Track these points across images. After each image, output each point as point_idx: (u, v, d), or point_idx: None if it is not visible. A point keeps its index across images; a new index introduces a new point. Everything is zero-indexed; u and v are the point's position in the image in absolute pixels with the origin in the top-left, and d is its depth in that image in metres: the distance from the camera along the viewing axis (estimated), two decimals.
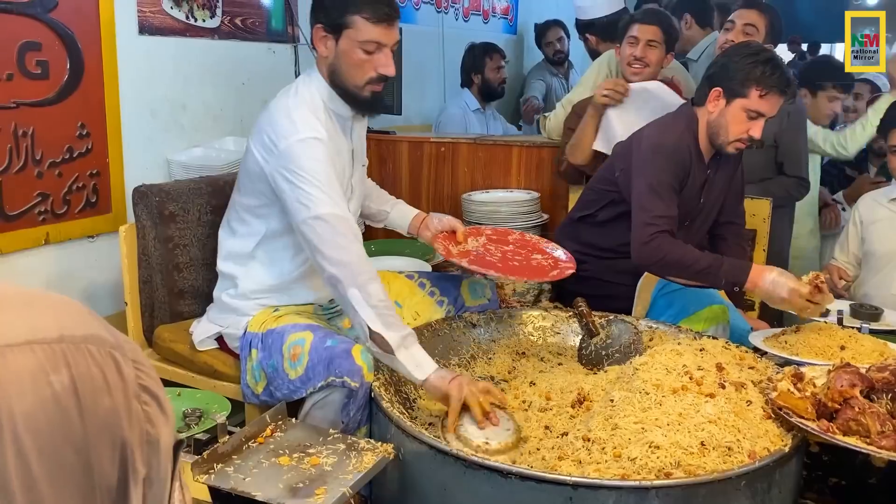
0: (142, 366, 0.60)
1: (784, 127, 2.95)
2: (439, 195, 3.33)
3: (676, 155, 2.24)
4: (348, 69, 1.91)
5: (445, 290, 2.19)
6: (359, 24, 1.86)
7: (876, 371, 1.56)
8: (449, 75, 4.60)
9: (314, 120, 1.90)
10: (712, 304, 2.17)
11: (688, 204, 2.30)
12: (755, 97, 2.16)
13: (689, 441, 1.39)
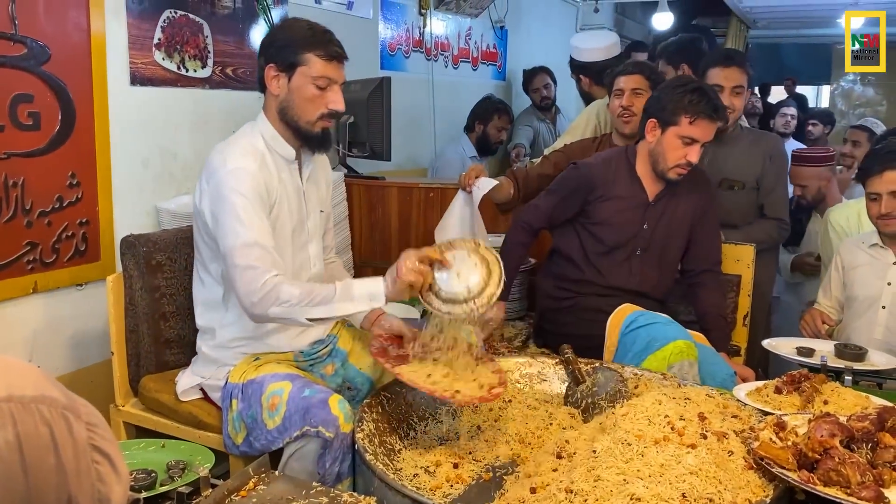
0: (96, 427, 0.63)
1: (766, 170, 3.01)
2: (429, 240, 3.32)
3: (579, 170, 2.56)
4: (301, 104, 1.99)
5: None
6: (312, 61, 1.96)
7: (856, 420, 1.57)
8: (440, 122, 4.68)
9: (244, 154, 1.96)
10: (677, 339, 2.19)
11: (625, 226, 2.50)
12: (685, 124, 2.36)
13: (670, 493, 1.39)
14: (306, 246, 2.08)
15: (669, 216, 2.52)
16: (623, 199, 2.50)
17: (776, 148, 3.09)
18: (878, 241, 2.67)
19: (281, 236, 2.02)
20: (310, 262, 2.11)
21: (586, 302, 2.51)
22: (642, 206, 2.51)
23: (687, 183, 2.52)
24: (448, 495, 1.66)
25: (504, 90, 5.59)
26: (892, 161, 2.53)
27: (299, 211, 2.07)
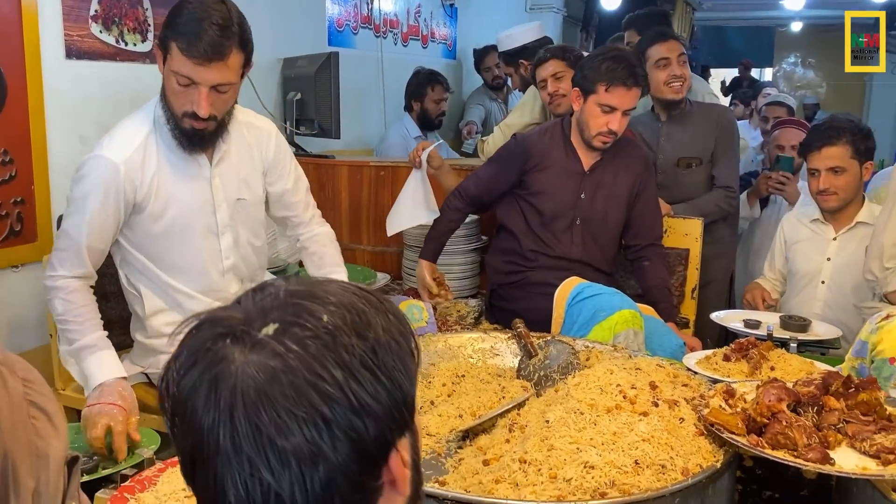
0: (32, 383, 0.61)
1: (716, 140, 3.06)
2: (380, 219, 3.31)
3: (515, 144, 2.61)
4: (169, 94, 1.83)
5: None
6: (174, 53, 1.77)
7: (802, 385, 1.60)
8: (389, 100, 4.62)
9: (121, 142, 1.86)
10: (623, 308, 2.22)
11: (562, 196, 2.53)
12: (602, 91, 2.40)
13: (623, 460, 1.39)
14: (217, 238, 1.98)
15: (608, 186, 2.56)
16: (559, 169, 2.55)
17: (725, 117, 3.14)
18: (820, 217, 2.73)
19: (172, 231, 1.94)
20: (220, 255, 2.02)
21: (534, 276, 2.53)
22: (578, 176, 2.55)
23: (624, 156, 2.58)
24: None
25: (455, 69, 5.55)
26: (831, 138, 2.58)
27: (201, 202, 1.95)
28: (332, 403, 0.65)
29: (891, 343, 1.78)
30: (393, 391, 0.69)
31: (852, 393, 1.56)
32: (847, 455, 1.45)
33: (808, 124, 3.78)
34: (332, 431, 0.65)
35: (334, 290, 0.72)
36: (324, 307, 0.69)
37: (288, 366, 0.65)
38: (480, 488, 1.48)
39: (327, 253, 2.23)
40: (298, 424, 0.64)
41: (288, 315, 0.68)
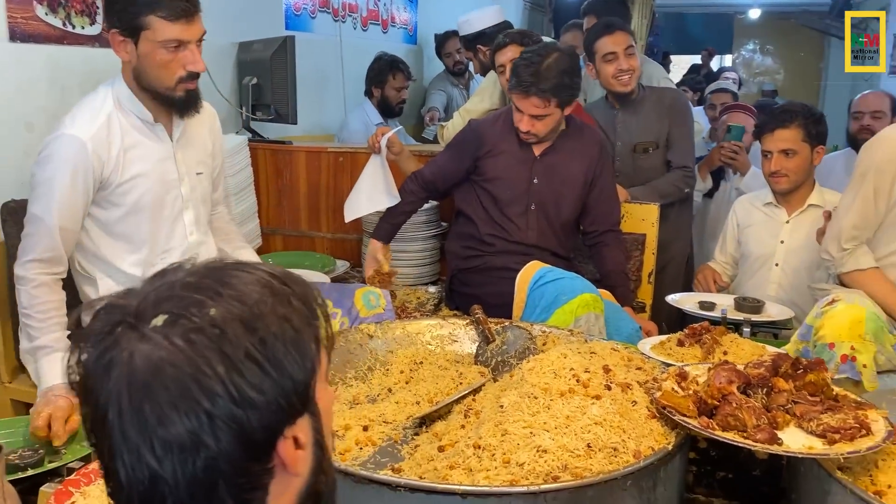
0: None
1: (670, 123, 3.08)
2: (339, 206, 3.26)
3: (468, 131, 2.64)
4: (155, 71, 1.86)
5: (338, 302, 2.16)
6: (156, 25, 1.81)
7: (752, 367, 1.62)
8: (349, 85, 4.57)
9: (84, 120, 1.86)
10: (584, 292, 2.23)
11: (515, 181, 2.55)
12: (511, 94, 2.45)
13: (575, 444, 1.40)
14: (181, 214, 1.98)
15: (560, 171, 2.57)
16: (510, 155, 2.56)
17: (678, 101, 3.17)
18: (773, 200, 2.77)
19: (139, 207, 1.94)
20: (185, 231, 2.01)
21: (494, 261, 2.53)
22: (529, 161, 2.56)
23: (578, 141, 2.59)
24: (357, 458, 1.63)
25: (416, 54, 5.51)
26: (783, 120, 2.62)
27: (167, 177, 1.96)
28: (214, 397, 0.67)
29: (831, 329, 1.82)
30: (281, 381, 0.71)
31: (800, 374, 1.59)
32: (795, 435, 1.48)
33: (754, 109, 3.86)
34: (213, 423, 0.67)
35: (238, 278, 0.74)
36: (214, 300, 0.71)
37: (171, 360, 0.67)
38: (435, 474, 1.47)
39: (232, 229, 2.30)
40: (180, 416, 0.66)
41: (178, 307, 0.70)
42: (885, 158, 2.06)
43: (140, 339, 0.69)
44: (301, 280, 0.79)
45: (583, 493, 1.33)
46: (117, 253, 2.00)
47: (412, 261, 2.96)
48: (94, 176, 1.90)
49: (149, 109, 1.95)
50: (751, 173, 3.32)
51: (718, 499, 2.03)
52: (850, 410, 1.50)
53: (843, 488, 1.33)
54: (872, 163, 2.09)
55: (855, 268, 2.14)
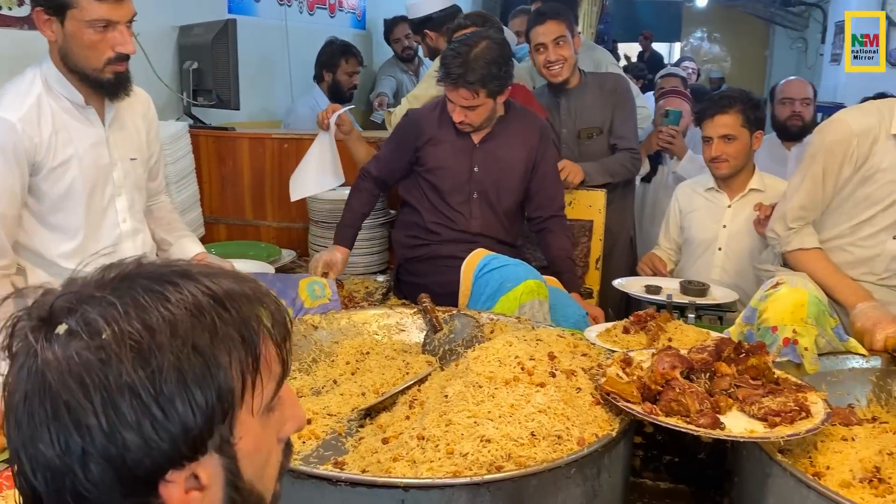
0: None
1: (613, 107, 3.08)
2: (284, 194, 3.20)
3: (408, 120, 2.61)
4: (82, 52, 1.79)
5: (282, 293, 2.11)
6: (82, 3, 1.74)
7: (696, 352, 1.62)
8: (296, 71, 4.48)
9: (10, 104, 1.78)
10: (528, 279, 2.23)
11: (455, 170, 2.52)
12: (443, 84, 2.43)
13: (519, 432, 1.38)
14: (113, 200, 1.91)
15: (501, 158, 2.55)
16: (450, 143, 2.53)
17: (620, 85, 3.16)
18: (714, 185, 2.80)
19: (72, 193, 1.86)
20: (117, 218, 1.94)
21: (440, 249, 2.51)
22: (468, 150, 2.54)
23: (518, 127, 2.57)
24: (299, 452, 1.59)
25: (364, 40, 5.43)
26: (724, 106, 2.66)
27: (99, 161, 1.89)
28: (85, 429, 0.63)
29: (774, 312, 1.84)
30: (166, 423, 0.64)
31: (743, 358, 1.60)
32: (737, 419, 1.49)
33: (689, 95, 3.90)
34: (84, 454, 0.63)
35: (157, 295, 0.66)
36: (116, 319, 0.64)
37: (53, 378, 0.63)
38: (378, 467, 1.44)
39: (175, 218, 2.23)
40: (51, 438, 0.63)
41: (78, 320, 0.65)
42: (835, 140, 2.08)
43: (43, 345, 0.64)
44: (248, 301, 0.70)
45: (526, 482, 1.31)
46: (49, 243, 1.92)
47: (360, 250, 2.92)
48: (26, 158, 1.82)
49: (79, 91, 1.87)
50: (687, 157, 3.36)
51: (665, 482, 2.05)
52: (791, 393, 1.52)
53: (783, 471, 1.34)
54: (823, 144, 2.12)
55: (799, 246, 2.17)
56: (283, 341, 0.72)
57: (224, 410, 0.66)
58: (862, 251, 2.12)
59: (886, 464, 1.37)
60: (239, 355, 0.67)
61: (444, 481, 1.28)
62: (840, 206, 2.12)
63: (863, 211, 2.09)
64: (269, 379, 0.71)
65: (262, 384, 0.70)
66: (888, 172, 2.03)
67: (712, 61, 10.96)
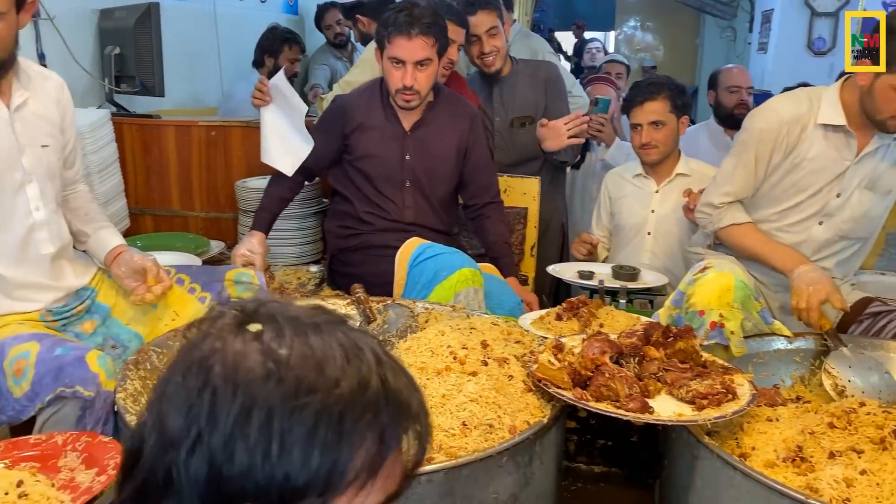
0: None
1: (547, 96, 3.08)
2: (212, 183, 3.12)
3: (336, 106, 2.54)
4: None
5: (208, 286, 2.04)
6: None
7: (625, 337, 1.63)
8: (226, 58, 4.35)
9: None
10: (463, 267, 2.21)
11: (387, 158, 2.47)
12: (387, 44, 2.35)
13: (450, 423, 1.37)
14: (23, 188, 1.80)
15: (432, 145, 2.51)
16: (380, 130, 2.47)
17: (552, 73, 3.16)
18: (642, 171, 2.83)
19: None
20: (29, 206, 1.83)
21: (373, 239, 2.46)
22: (399, 137, 2.49)
23: (448, 113, 2.53)
24: None
25: (297, 25, 5.30)
26: (652, 93, 2.68)
27: (5, 147, 1.78)
28: (212, 422, 0.62)
29: (702, 296, 1.86)
30: (276, 462, 0.62)
31: (671, 342, 1.62)
32: (666, 402, 1.50)
33: (615, 81, 3.94)
34: (197, 441, 0.62)
35: (350, 353, 0.67)
36: (298, 347, 0.66)
37: (216, 362, 0.64)
38: None
39: (93, 209, 2.11)
40: (184, 411, 0.63)
41: (273, 330, 0.67)
42: (766, 128, 2.11)
43: (232, 332, 0.66)
44: (407, 410, 0.68)
45: (457, 472, 1.30)
46: None
47: (292, 239, 2.85)
48: None
49: None
50: (615, 145, 3.39)
51: (599, 466, 2.07)
52: (718, 376, 1.54)
53: (709, 453, 1.36)
54: (754, 132, 2.14)
55: (731, 222, 2.19)
56: (412, 468, 0.70)
57: (327, 485, 0.64)
58: (790, 236, 2.16)
59: (808, 443, 1.41)
60: (369, 450, 0.65)
61: None
62: (769, 191, 2.16)
63: (790, 197, 2.13)
64: (379, 492, 0.67)
65: (371, 491, 0.66)
66: (815, 161, 2.07)
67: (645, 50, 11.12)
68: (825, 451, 1.36)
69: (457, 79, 2.97)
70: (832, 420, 1.44)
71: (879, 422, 1.40)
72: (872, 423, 1.41)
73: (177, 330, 1.87)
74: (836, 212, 2.11)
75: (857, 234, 2.17)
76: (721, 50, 9.70)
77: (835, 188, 2.09)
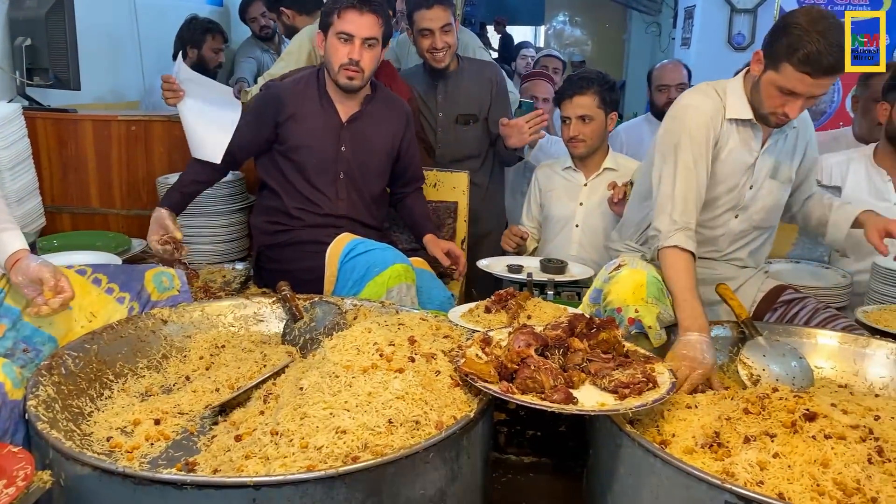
0: None
1: (492, 98, 3.10)
2: (133, 180, 3.03)
3: (268, 95, 2.50)
4: None
5: (126, 286, 1.97)
6: None
7: (550, 329, 1.65)
8: (147, 50, 4.22)
9: None
10: (395, 263, 2.21)
11: (322, 149, 2.44)
12: (336, 19, 2.34)
13: (376, 421, 1.36)
14: None
15: (369, 139, 2.51)
16: (315, 120, 2.44)
17: (497, 75, 3.20)
18: (571, 165, 2.87)
19: None
20: None
21: (303, 235, 2.43)
22: (336, 128, 2.47)
23: (385, 108, 2.54)
24: (146, 455, 1.50)
25: (222, 17, 5.19)
26: (581, 87, 2.72)
27: None
28: None
29: (617, 294, 1.90)
30: None
31: (594, 333, 1.65)
32: (590, 392, 1.53)
33: (552, 77, 3.99)
34: None
35: None
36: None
37: None
38: (230, 466, 1.38)
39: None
40: None
41: None
42: (696, 125, 2.06)
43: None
44: None
45: (383, 471, 1.29)
46: None
47: (216, 236, 2.79)
48: None
49: None
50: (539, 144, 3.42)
51: (528, 457, 2.09)
52: (640, 365, 1.57)
53: (631, 441, 1.39)
54: (684, 131, 2.06)
55: (675, 244, 1.96)
56: None
57: None
58: (710, 231, 2.21)
59: (725, 428, 1.45)
60: None
61: (297, 476, 1.24)
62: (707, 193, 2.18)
63: (710, 192, 2.14)
64: None
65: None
66: (730, 154, 2.12)
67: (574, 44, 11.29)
68: (741, 436, 1.41)
69: (387, 68, 2.95)
70: (747, 406, 1.49)
71: (791, 406, 1.46)
72: (784, 407, 1.46)
73: (94, 332, 1.81)
74: (750, 203, 2.18)
75: (767, 224, 2.25)
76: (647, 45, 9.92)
77: (748, 181, 2.16)
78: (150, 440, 1.55)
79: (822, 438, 1.36)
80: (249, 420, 1.53)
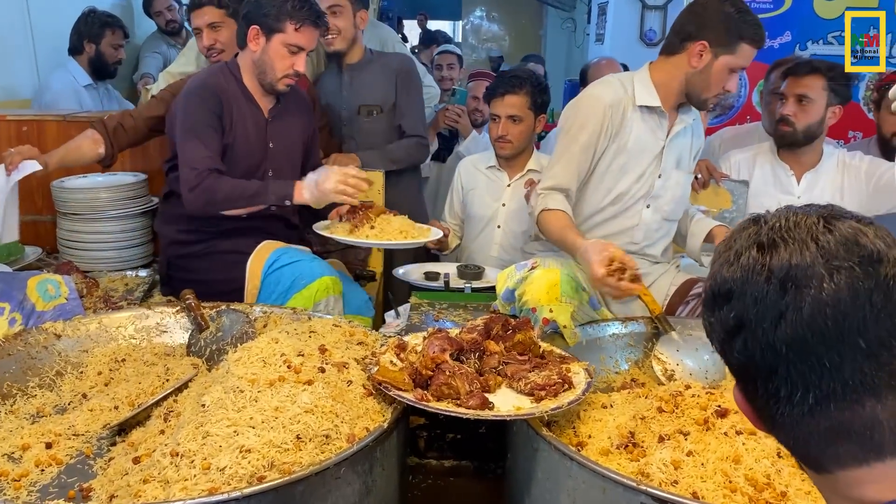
0: None
1: (398, 89, 3.03)
2: (26, 184, 2.81)
3: (204, 93, 2.27)
4: None
5: (6, 294, 1.82)
6: None
7: (466, 333, 1.62)
8: (41, 45, 3.98)
9: None
10: (323, 275, 2.14)
11: (253, 147, 2.35)
12: (291, 31, 2.27)
13: (283, 437, 1.29)
14: None
15: (289, 133, 2.43)
16: (245, 118, 2.33)
17: (404, 65, 3.11)
18: (496, 164, 2.85)
19: None
20: None
21: (222, 244, 2.30)
22: (263, 124, 2.37)
23: (294, 102, 2.47)
24: (36, 483, 1.39)
25: (125, 11, 4.94)
26: (513, 86, 2.70)
27: None
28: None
29: (531, 294, 1.89)
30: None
31: (510, 335, 1.62)
32: (506, 396, 1.50)
33: (492, 75, 3.99)
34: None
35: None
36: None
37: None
38: (128, 491, 1.29)
39: None
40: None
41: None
42: (589, 114, 2.14)
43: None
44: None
45: (291, 489, 1.22)
46: None
47: (117, 242, 2.63)
48: None
49: None
50: (471, 136, 3.42)
51: (449, 460, 2.06)
52: (556, 366, 1.56)
53: (548, 445, 1.36)
54: (577, 120, 2.16)
55: (543, 207, 2.14)
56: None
57: None
58: (622, 221, 2.23)
59: (640, 428, 1.45)
60: None
61: (198, 501, 1.17)
62: (600, 179, 2.21)
63: (619, 181, 2.19)
64: None
65: None
66: (637, 143, 2.16)
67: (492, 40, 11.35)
68: (655, 435, 1.41)
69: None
70: (661, 404, 1.50)
71: (703, 403, 1.47)
72: (697, 405, 1.47)
73: None
74: (660, 193, 2.22)
75: (675, 216, 2.30)
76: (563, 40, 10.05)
77: (656, 169, 2.20)
78: (40, 466, 1.44)
79: (733, 435, 1.37)
80: (149, 440, 1.44)
